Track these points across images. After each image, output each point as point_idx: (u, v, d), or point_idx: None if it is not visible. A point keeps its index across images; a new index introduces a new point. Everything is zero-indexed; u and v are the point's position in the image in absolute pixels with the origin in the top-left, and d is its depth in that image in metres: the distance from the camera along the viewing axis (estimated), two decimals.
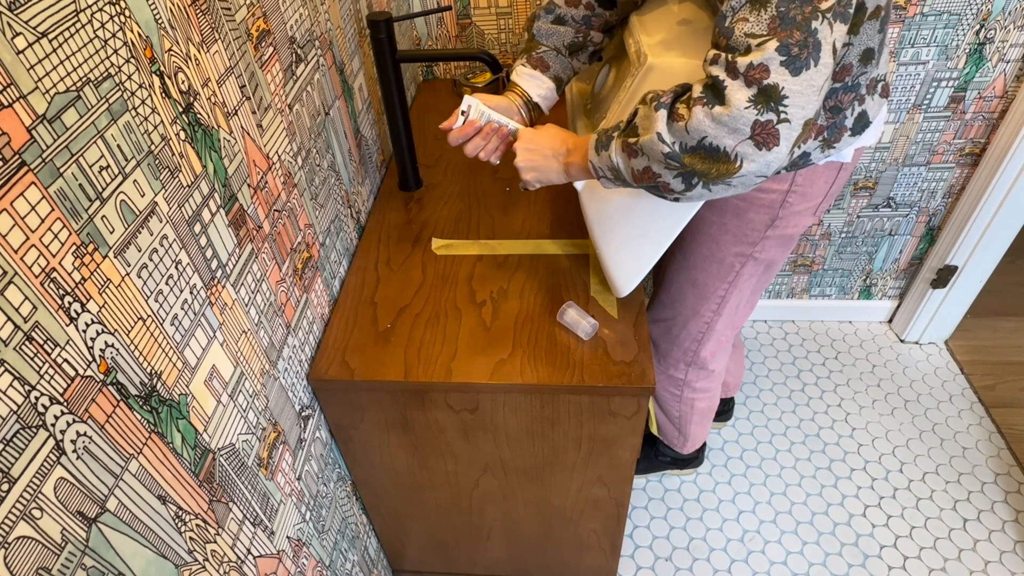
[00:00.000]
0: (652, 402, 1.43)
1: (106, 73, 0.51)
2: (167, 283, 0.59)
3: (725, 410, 1.68)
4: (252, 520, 0.75)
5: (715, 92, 0.64)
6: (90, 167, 0.50)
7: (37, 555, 0.44)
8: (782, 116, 0.62)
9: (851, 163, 0.94)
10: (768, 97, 0.61)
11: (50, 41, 0.46)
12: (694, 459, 1.58)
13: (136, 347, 0.55)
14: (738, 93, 0.62)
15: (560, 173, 0.88)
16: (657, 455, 1.56)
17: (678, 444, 1.48)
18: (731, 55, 0.63)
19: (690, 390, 1.33)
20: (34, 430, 0.44)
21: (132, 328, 0.54)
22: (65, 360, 0.47)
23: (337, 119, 1.04)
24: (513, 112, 0.97)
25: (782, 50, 0.60)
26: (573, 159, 0.85)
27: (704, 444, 1.58)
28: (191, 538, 0.62)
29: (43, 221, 0.45)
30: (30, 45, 0.44)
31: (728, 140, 0.64)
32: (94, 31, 0.50)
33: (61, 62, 0.47)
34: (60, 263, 0.47)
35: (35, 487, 0.44)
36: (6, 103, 0.42)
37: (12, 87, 0.43)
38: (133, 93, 0.54)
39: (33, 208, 0.44)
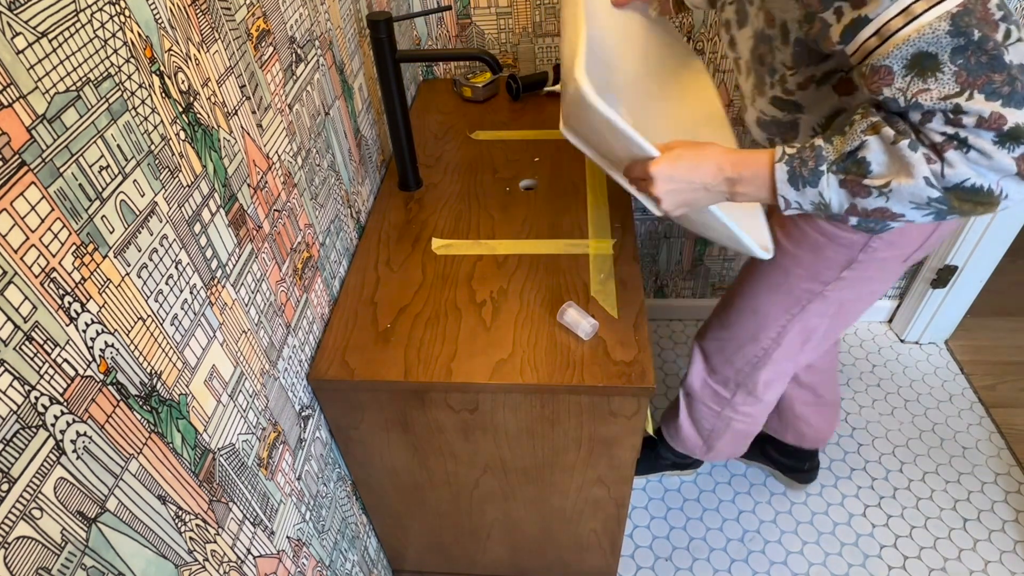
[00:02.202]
0: (650, 404, 1.42)
1: (106, 73, 0.51)
2: (167, 283, 0.59)
3: (810, 468, 1.55)
4: (252, 520, 0.75)
5: (958, 140, 0.61)
6: (90, 167, 0.50)
7: (37, 555, 0.44)
8: None
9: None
10: (1016, 137, 0.59)
11: (50, 41, 0.46)
12: (694, 462, 1.57)
13: (136, 347, 0.55)
14: (981, 141, 0.60)
15: (713, 200, 0.77)
16: (658, 457, 1.56)
17: (699, 453, 1.42)
18: (949, 113, 0.61)
19: (731, 410, 1.27)
20: (34, 430, 0.44)
21: (132, 328, 0.54)
22: (65, 360, 0.47)
23: (337, 119, 1.04)
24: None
25: (992, 96, 0.59)
26: (743, 189, 0.74)
27: None
28: (191, 538, 0.62)
29: (43, 221, 0.45)
30: (30, 45, 0.44)
31: (991, 176, 0.62)
32: (94, 31, 0.50)
33: (61, 62, 0.47)
34: (60, 263, 0.47)
35: (35, 487, 0.44)
36: (6, 103, 0.42)
37: (12, 87, 0.43)
38: (133, 93, 0.54)
39: (33, 208, 0.44)
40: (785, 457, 1.54)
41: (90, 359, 0.49)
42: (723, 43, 0.92)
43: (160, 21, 0.58)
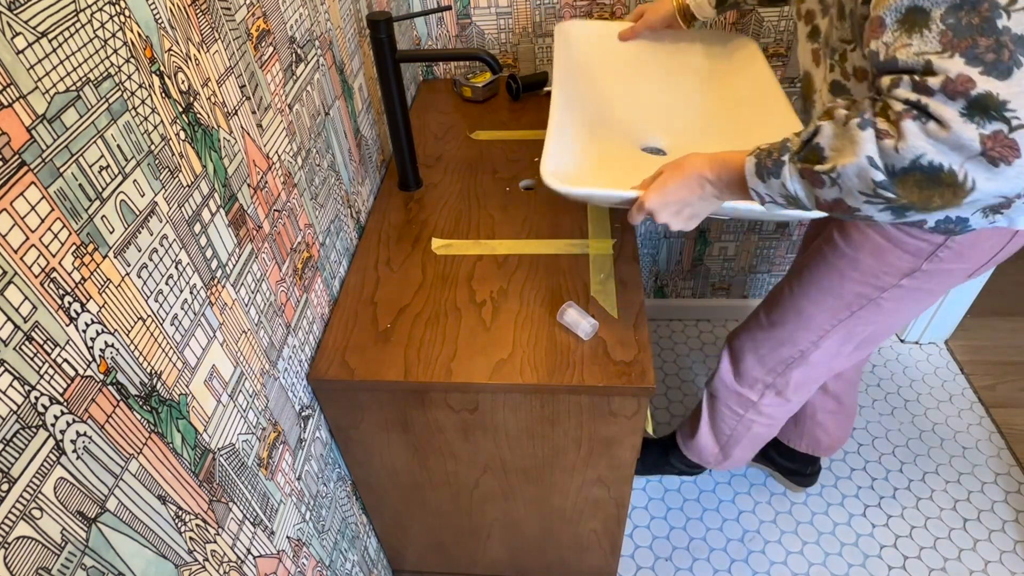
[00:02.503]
0: (649, 404, 1.42)
1: (106, 73, 0.51)
2: (167, 283, 0.59)
3: (811, 473, 1.55)
4: (252, 520, 0.75)
5: (919, 108, 0.55)
6: (90, 167, 0.50)
7: (37, 555, 0.44)
8: (1015, 123, 0.52)
9: None
10: (985, 107, 0.52)
11: (50, 41, 0.46)
12: (701, 469, 1.57)
13: (136, 347, 0.55)
14: (944, 109, 0.54)
15: (714, 204, 0.78)
16: (666, 464, 1.55)
17: (713, 462, 1.40)
18: (915, 76, 0.56)
19: (755, 412, 1.24)
20: (34, 430, 0.44)
21: (132, 328, 0.54)
22: (65, 360, 0.47)
23: (337, 119, 1.04)
24: (672, 18, 1.08)
25: (973, 62, 0.53)
26: (727, 189, 0.74)
27: None
28: (191, 538, 0.62)
29: (43, 221, 0.45)
30: (30, 45, 0.44)
31: (953, 156, 0.54)
32: (94, 31, 0.50)
33: (61, 62, 0.47)
34: (60, 263, 0.47)
35: (35, 487, 0.44)
36: (6, 103, 0.42)
37: (12, 87, 0.43)
38: (133, 93, 0.54)
39: (33, 208, 0.44)
40: (788, 460, 1.54)
41: (90, 359, 0.49)
42: (802, 35, 0.89)
43: (160, 21, 0.58)
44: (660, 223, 0.79)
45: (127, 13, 0.53)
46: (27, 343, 0.44)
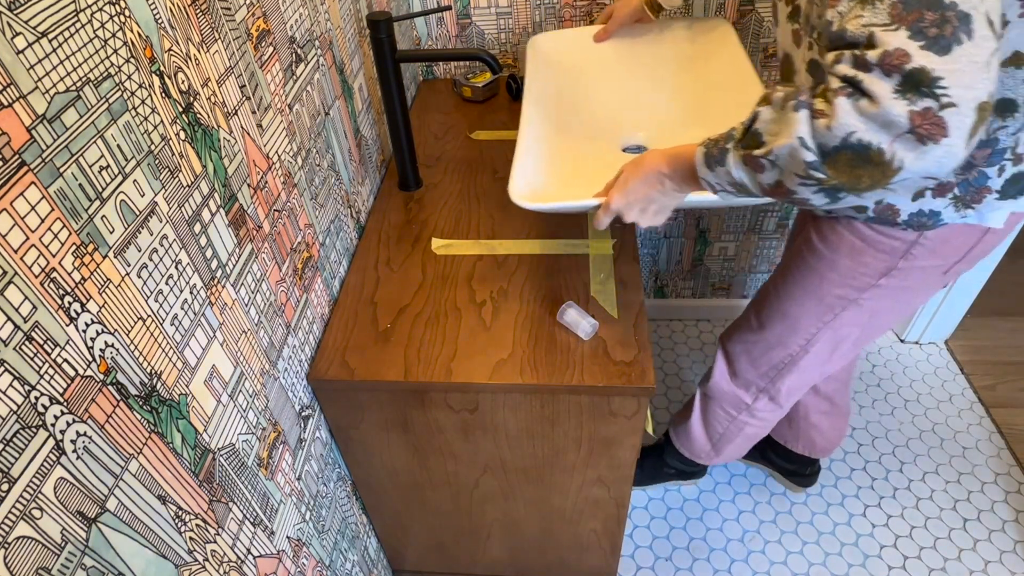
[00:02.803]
0: (649, 404, 1.41)
1: (106, 73, 0.51)
2: (167, 283, 0.59)
3: (811, 473, 1.56)
4: (252, 520, 0.75)
5: (854, 85, 0.55)
6: (90, 167, 0.50)
7: (37, 555, 0.44)
8: (944, 100, 0.51)
9: (1003, 229, 0.84)
10: (917, 82, 0.51)
11: (50, 41, 0.46)
12: (699, 472, 1.56)
13: (136, 347, 0.55)
14: (878, 85, 0.53)
15: (676, 198, 0.79)
16: (663, 465, 1.55)
17: (704, 457, 1.41)
18: (856, 50, 0.55)
19: (748, 415, 1.25)
20: (34, 430, 0.44)
21: (132, 328, 0.54)
22: (65, 360, 0.47)
23: (337, 119, 1.04)
24: (641, 11, 1.11)
25: (917, 36, 0.51)
26: (684, 182, 0.75)
27: None
28: (191, 538, 0.62)
29: (43, 221, 0.45)
30: (30, 45, 0.44)
31: (881, 135, 0.54)
32: (94, 31, 0.50)
33: (61, 62, 0.47)
34: (60, 263, 0.47)
35: (35, 487, 0.44)
36: (6, 103, 0.42)
37: (12, 87, 0.43)
38: (133, 93, 0.54)
39: (33, 208, 0.44)
40: (787, 462, 1.54)
41: (90, 359, 0.49)
42: (782, 15, 0.89)
43: (160, 21, 0.58)
44: (627, 222, 0.81)
45: (127, 13, 0.53)
46: (27, 343, 0.44)
